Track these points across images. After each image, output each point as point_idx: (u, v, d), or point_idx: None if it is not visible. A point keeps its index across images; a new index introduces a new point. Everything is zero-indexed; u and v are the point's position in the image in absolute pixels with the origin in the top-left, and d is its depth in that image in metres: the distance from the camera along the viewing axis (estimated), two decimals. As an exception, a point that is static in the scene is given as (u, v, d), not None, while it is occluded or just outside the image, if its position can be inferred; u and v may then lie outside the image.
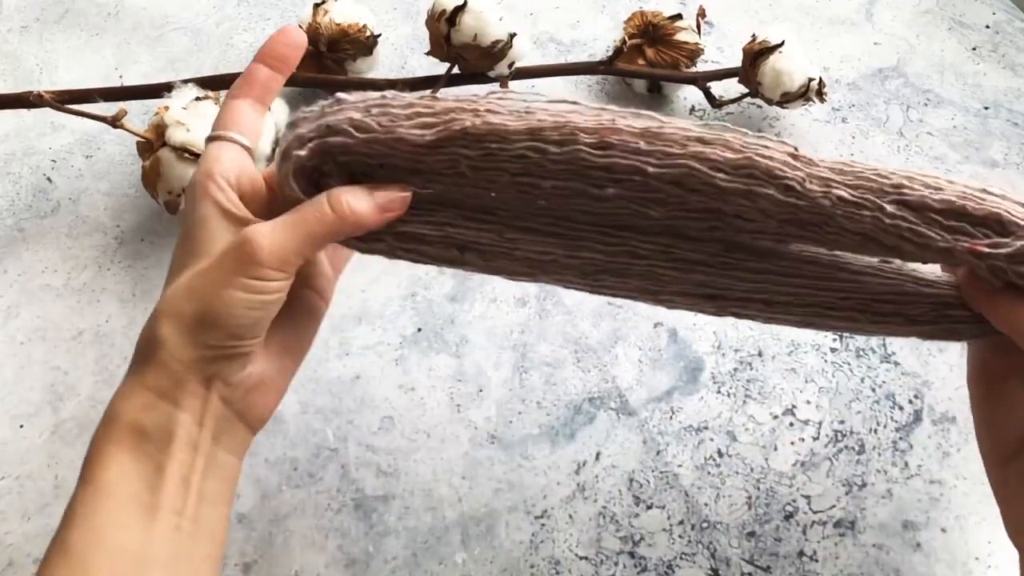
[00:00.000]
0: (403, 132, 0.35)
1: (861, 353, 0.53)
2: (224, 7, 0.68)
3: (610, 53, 0.59)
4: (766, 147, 0.35)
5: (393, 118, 0.35)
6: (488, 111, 0.35)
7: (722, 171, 0.34)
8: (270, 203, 0.38)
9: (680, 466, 0.49)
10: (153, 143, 0.53)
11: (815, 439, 0.50)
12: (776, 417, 0.51)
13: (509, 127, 0.35)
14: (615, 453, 0.50)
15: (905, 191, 0.35)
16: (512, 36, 0.55)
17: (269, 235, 0.35)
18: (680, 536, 0.47)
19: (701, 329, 0.53)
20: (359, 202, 0.36)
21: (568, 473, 0.49)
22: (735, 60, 0.59)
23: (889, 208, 0.35)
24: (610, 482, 0.48)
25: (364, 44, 0.59)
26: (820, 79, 0.56)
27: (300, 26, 0.59)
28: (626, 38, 0.59)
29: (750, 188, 0.35)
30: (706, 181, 0.35)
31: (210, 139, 0.39)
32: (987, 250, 0.34)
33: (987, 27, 0.65)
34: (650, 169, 0.35)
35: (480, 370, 0.52)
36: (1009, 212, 0.34)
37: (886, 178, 0.35)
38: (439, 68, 0.58)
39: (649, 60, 0.60)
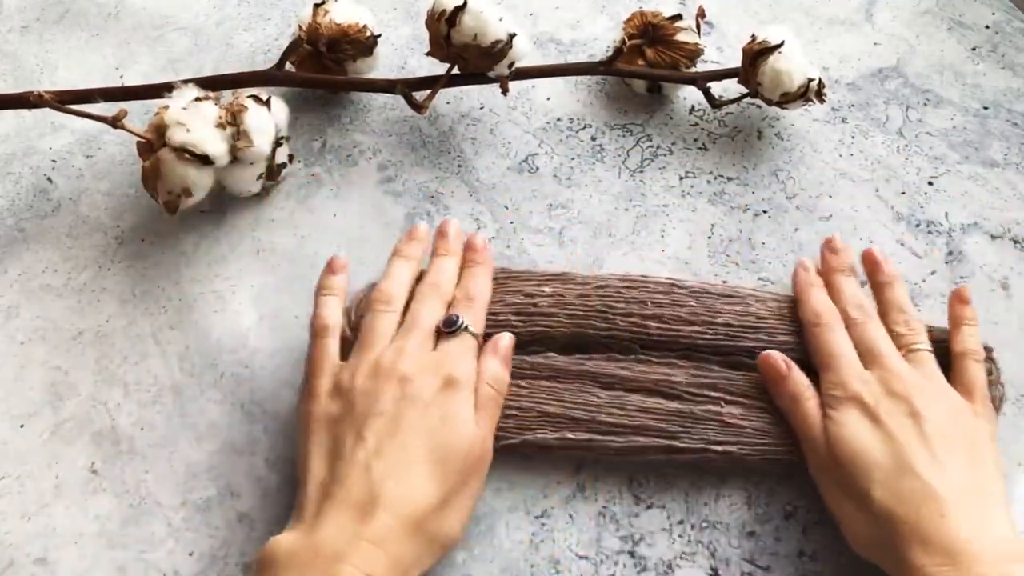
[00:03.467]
0: None
1: (861, 353, 0.52)
2: (224, 7, 0.68)
3: (610, 53, 0.59)
4: None
5: None
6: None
7: None
8: None
9: (680, 467, 0.49)
10: (153, 143, 0.53)
11: (815, 439, 0.50)
12: (776, 417, 0.51)
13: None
14: (615, 453, 0.50)
15: None
16: (512, 36, 0.55)
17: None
18: (680, 536, 0.47)
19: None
20: (502, 375, 0.48)
21: (568, 473, 0.49)
22: (735, 60, 0.59)
23: None
24: (610, 482, 0.49)
25: (364, 44, 0.59)
26: (820, 79, 0.56)
27: (300, 26, 0.59)
28: (626, 38, 0.59)
29: None
30: None
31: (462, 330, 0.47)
32: None
33: (987, 27, 0.65)
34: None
35: (480, 370, 0.52)
36: None
37: None
38: (439, 68, 0.58)
39: (649, 60, 0.60)
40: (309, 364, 0.47)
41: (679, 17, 0.59)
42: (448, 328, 0.47)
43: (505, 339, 0.49)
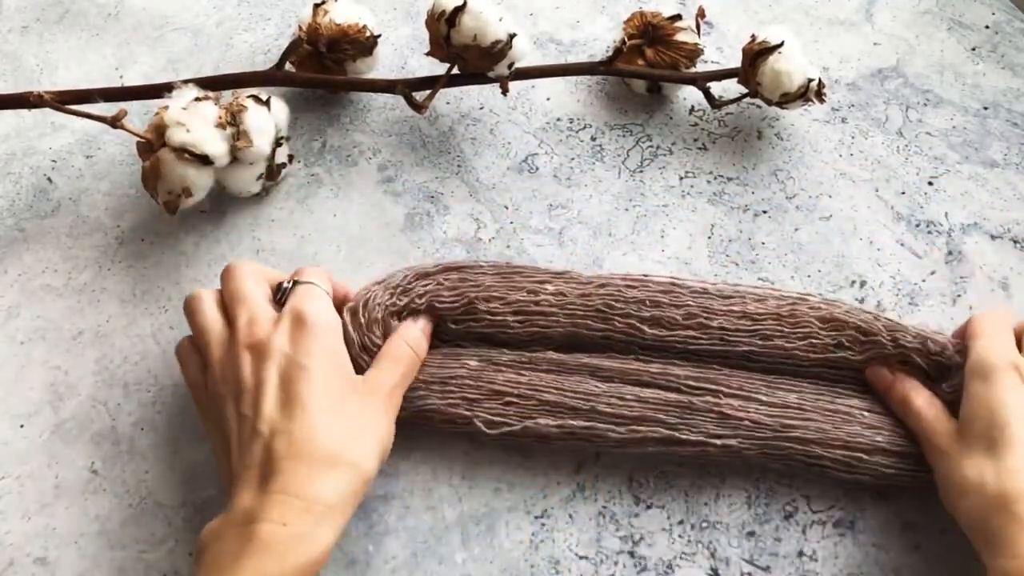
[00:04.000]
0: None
1: (861, 353, 0.53)
2: (224, 7, 0.68)
3: (610, 53, 0.59)
4: None
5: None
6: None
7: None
8: None
9: (680, 466, 0.49)
10: (153, 143, 0.53)
11: (815, 439, 0.50)
12: (776, 417, 0.51)
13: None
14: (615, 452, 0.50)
15: None
16: (512, 36, 0.55)
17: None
18: (680, 536, 0.47)
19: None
20: (421, 341, 0.49)
21: (568, 473, 0.49)
22: (735, 60, 0.59)
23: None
24: (610, 482, 0.49)
25: (364, 44, 0.59)
26: (819, 79, 0.56)
27: (300, 26, 0.59)
28: (626, 38, 0.59)
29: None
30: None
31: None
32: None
33: (987, 27, 0.65)
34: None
35: (480, 370, 0.52)
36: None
37: None
38: (439, 68, 0.58)
39: (649, 60, 0.60)
40: (188, 386, 0.48)
41: (679, 17, 0.60)
42: (279, 293, 0.48)
43: (423, 319, 0.50)
